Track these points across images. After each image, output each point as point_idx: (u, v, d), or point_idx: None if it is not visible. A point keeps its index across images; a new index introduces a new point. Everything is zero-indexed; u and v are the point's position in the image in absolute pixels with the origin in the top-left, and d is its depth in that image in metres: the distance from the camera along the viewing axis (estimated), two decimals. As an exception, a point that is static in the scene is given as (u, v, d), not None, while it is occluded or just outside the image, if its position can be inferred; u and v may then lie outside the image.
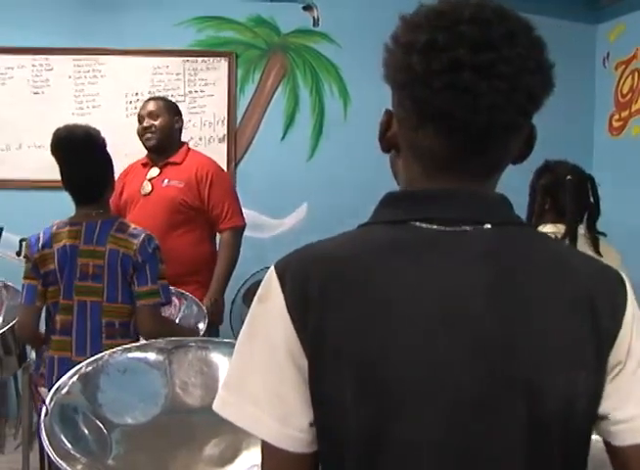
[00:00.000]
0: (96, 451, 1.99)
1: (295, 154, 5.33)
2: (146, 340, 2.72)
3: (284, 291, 1.12)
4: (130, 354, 2.24)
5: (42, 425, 1.85)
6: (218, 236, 4.24)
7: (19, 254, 5.30)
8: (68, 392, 2.05)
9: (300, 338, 1.10)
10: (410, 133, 1.16)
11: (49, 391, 2.01)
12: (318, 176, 5.32)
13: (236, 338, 1.22)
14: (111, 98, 5.15)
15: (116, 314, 2.83)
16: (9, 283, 4.10)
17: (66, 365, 2.76)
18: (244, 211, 4.98)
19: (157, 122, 3.96)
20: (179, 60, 5.26)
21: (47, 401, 1.91)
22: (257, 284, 3.88)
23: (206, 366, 2.24)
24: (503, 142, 1.13)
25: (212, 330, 3.80)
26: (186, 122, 5.17)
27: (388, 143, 1.22)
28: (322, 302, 1.10)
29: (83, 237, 2.84)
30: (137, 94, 5.17)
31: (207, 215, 4.03)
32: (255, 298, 1.19)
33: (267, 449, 1.13)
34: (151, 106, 4.04)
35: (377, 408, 1.08)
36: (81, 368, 2.14)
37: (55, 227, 2.91)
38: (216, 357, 2.26)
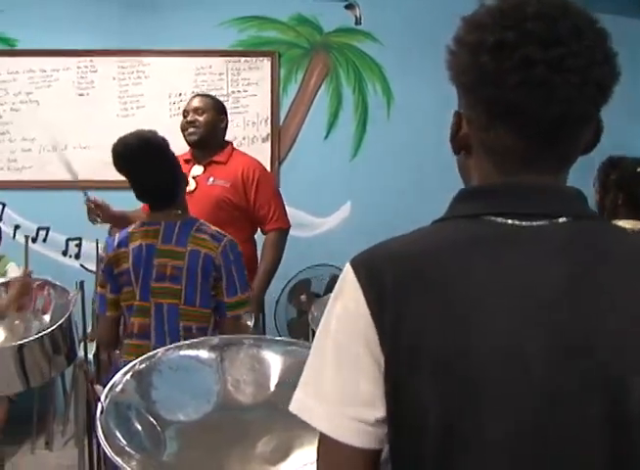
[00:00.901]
0: (149, 448, 1.99)
1: (338, 153, 5.33)
2: None
3: (362, 287, 1.12)
4: (183, 352, 2.24)
5: (98, 422, 1.86)
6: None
7: (65, 253, 5.38)
8: (122, 389, 2.05)
9: (379, 334, 1.10)
10: (481, 132, 1.16)
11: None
12: (361, 175, 5.32)
13: (281, 336, 1.21)
14: (154, 99, 5.19)
15: (194, 318, 2.78)
16: (57, 282, 4.12)
17: None
18: (287, 209, 4.99)
19: (201, 118, 3.97)
20: (222, 60, 5.29)
21: (102, 399, 1.92)
22: (302, 283, 3.94)
23: (258, 364, 2.24)
24: (575, 134, 1.12)
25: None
26: (229, 122, 5.21)
27: (459, 144, 1.22)
28: (400, 298, 1.09)
29: (162, 237, 2.79)
30: (180, 94, 5.20)
31: (252, 216, 4.03)
32: (332, 295, 1.19)
33: (332, 445, 1.12)
34: (197, 102, 4.05)
35: (455, 406, 1.06)
36: (135, 365, 2.14)
37: (132, 227, 2.87)
38: (268, 355, 2.26)
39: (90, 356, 4.03)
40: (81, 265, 5.40)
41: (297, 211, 5.30)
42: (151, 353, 2.23)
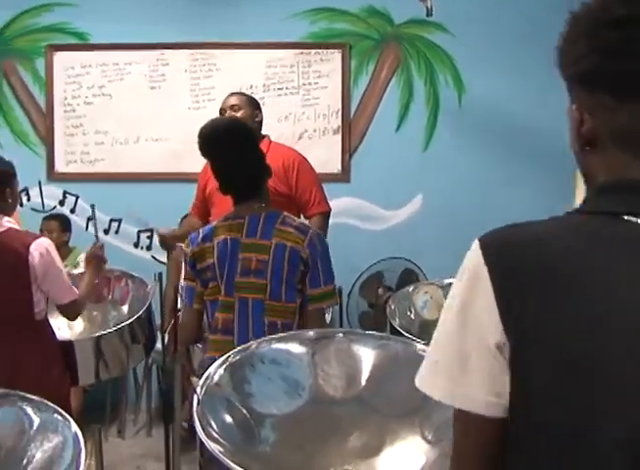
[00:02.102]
0: (243, 440, 1.99)
1: (409, 145, 5.29)
2: None
3: (490, 269, 1.09)
4: (275, 345, 2.24)
5: (195, 414, 1.87)
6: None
7: (136, 245, 5.44)
8: (216, 381, 2.06)
9: (502, 318, 1.07)
10: (611, 121, 1.12)
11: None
12: (433, 167, 5.28)
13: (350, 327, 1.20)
14: (226, 91, 5.13)
15: (279, 314, 2.73)
16: (135, 274, 4.17)
17: None
18: (358, 201, 4.99)
19: (238, 114, 4.03)
20: (293, 52, 5.29)
21: (198, 391, 1.93)
22: (374, 276, 3.90)
23: (349, 358, 2.22)
24: None
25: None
26: (300, 114, 5.23)
27: (583, 140, 1.17)
28: (530, 286, 1.06)
29: (246, 230, 2.75)
30: (252, 87, 5.22)
31: (296, 202, 4.10)
32: (458, 275, 1.15)
33: (462, 417, 1.13)
34: (233, 100, 4.13)
35: (579, 404, 1.04)
36: (229, 358, 2.15)
37: (216, 221, 2.85)
38: (359, 349, 2.24)
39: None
40: (153, 257, 5.45)
41: (368, 204, 5.31)
42: (244, 346, 2.23)
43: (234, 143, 2.76)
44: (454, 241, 5.12)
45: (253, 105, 4.18)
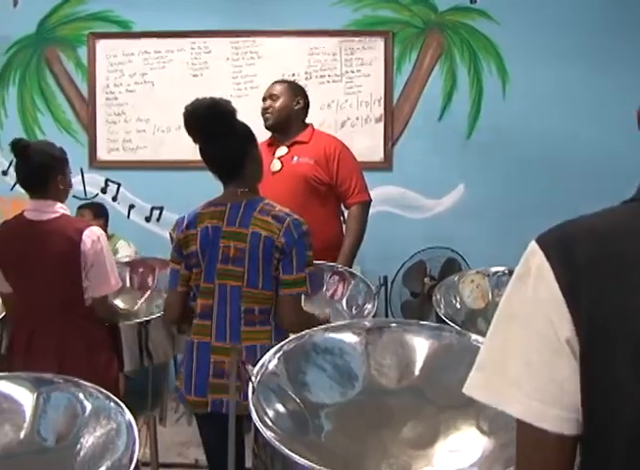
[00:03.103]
0: (296, 429, 1.99)
1: (452, 134, 5.24)
2: (286, 329, 2.67)
3: (553, 268, 1.06)
4: (329, 335, 2.23)
5: (250, 402, 1.86)
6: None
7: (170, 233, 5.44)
8: (271, 370, 2.05)
9: (574, 319, 1.04)
10: None
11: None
12: (476, 157, 5.22)
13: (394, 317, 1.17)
14: (268, 79, 5.11)
15: (256, 300, 2.73)
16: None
17: (205, 350, 2.78)
18: (400, 190, 4.95)
19: (276, 104, 4.10)
20: (335, 40, 5.25)
21: (253, 379, 1.92)
22: (416, 265, 3.88)
23: (402, 348, 2.21)
24: None
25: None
26: (342, 102, 5.20)
27: None
28: (597, 280, 1.03)
29: (227, 218, 2.74)
30: (294, 75, 5.19)
31: (336, 191, 4.15)
32: (514, 276, 1.13)
33: (527, 431, 1.09)
34: (273, 88, 4.19)
35: None
36: (283, 346, 2.14)
37: (200, 208, 2.85)
38: (412, 339, 2.22)
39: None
40: (194, 245, 5.45)
41: (410, 193, 5.27)
42: (298, 335, 2.22)
43: (212, 121, 2.73)
44: (495, 230, 5.15)
45: (294, 92, 4.20)
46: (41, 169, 3.05)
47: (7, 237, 3.14)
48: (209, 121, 2.73)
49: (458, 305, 3.82)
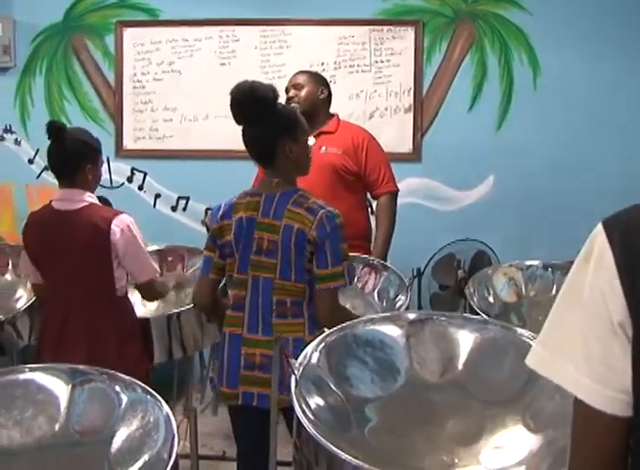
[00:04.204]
0: (337, 423, 1.95)
1: (482, 124, 5.18)
2: (322, 324, 2.54)
3: (613, 250, 1.07)
4: (370, 327, 2.19)
5: (293, 396, 1.83)
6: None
7: (204, 222, 5.42)
8: (313, 362, 2.01)
9: (628, 301, 1.05)
10: None
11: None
12: (506, 148, 5.15)
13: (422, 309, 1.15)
14: (296, 68, 5.07)
15: (288, 293, 2.71)
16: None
17: (236, 342, 2.76)
18: (429, 182, 4.91)
19: (301, 93, 4.05)
20: (365, 29, 5.19)
21: (295, 372, 1.89)
22: (446, 257, 3.87)
23: (445, 341, 2.17)
24: None
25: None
26: (371, 93, 5.15)
27: None
28: None
29: (261, 209, 2.72)
30: (323, 64, 5.14)
31: (364, 181, 4.14)
32: (580, 254, 1.14)
33: (582, 409, 1.10)
34: (297, 78, 4.15)
35: None
36: (325, 338, 2.10)
37: (236, 198, 2.81)
38: (455, 333, 2.18)
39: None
40: (220, 235, 5.43)
41: (440, 184, 5.22)
42: (340, 327, 2.19)
43: (248, 108, 2.71)
44: (526, 223, 5.10)
45: (318, 82, 4.17)
46: (73, 155, 3.02)
47: (35, 228, 3.12)
48: (248, 105, 2.71)
49: (491, 299, 3.78)
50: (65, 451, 2.06)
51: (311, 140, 3.94)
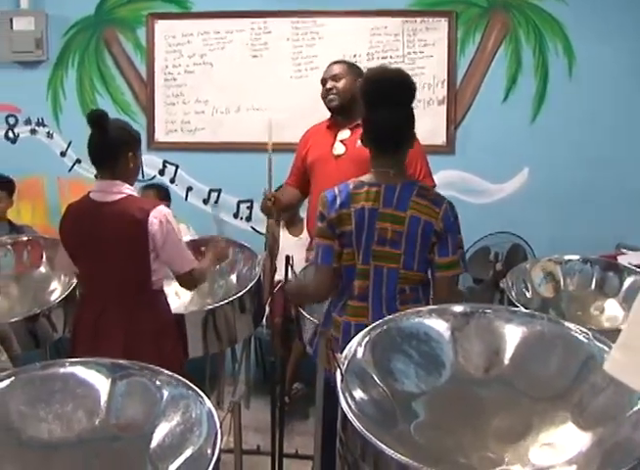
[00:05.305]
0: (382, 418, 1.92)
1: (516, 116, 5.13)
2: None
3: None
4: (415, 320, 2.15)
5: (340, 390, 1.81)
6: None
7: (236, 215, 5.41)
8: (357, 356, 1.98)
9: None
10: None
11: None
12: (541, 140, 5.11)
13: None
14: (329, 60, 5.03)
15: (409, 281, 2.77)
16: (245, 243, 4.12)
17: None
18: (462, 174, 4.87)
19: (339, 85, 3.95)
20: (398, 20, 5.15)
21: (341, 366, 1.86)
22: (481, 250, 3.83)
23: (491, 335, 2.12)
24: None
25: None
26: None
27: None
28: None
29: (382, 200, 2.73)
30: (355, 55, 5.10)
31: None
32: None
33: None
34: (334, 69, 4.04)
35: None
36: (370, 332, 2.07)
37: (352, 186, 2.80)
38: (502, 327, 2.12)
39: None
40: (252, 228, 5.42)
41: (473, 177, 5.18)
42: (384, 320, 2.16)
43: (401, 95, 2.72)
44: (561, 216, 5.03)
45: (356, 73, 4.07)
46: (115, 142, 3.00)
47: (72, 219, 3.11)
48: (397, 88, 2.71)
49: (529, 294, 3.73)
50: (104, 446, 2.04)
51: (347, 133, 3.91)
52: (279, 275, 3.57)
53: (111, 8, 5.44)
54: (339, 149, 3.94)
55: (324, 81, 4.03)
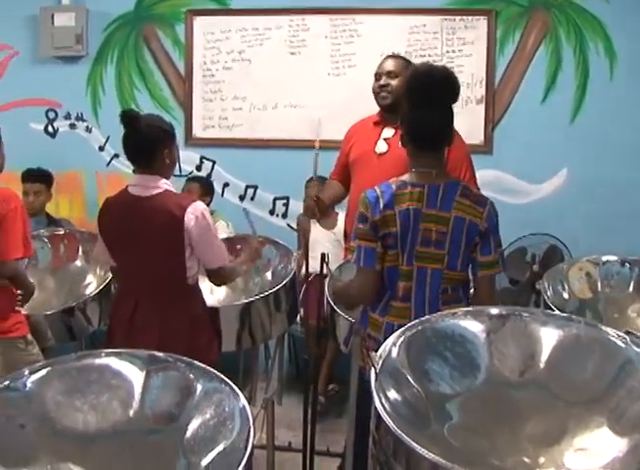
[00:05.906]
0: (415, 418, 1.91)
1: (556, 116, 5.09)
2: None
3: None
4: (450, 321, 2.13)
5: (374, 390, 1.80)
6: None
7: (272, 212, 5.41)
8: (392, 356, 1.97)
9: None
10: None
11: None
12: (580, 140, 5.06)
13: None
14: (367, 58, 5.07)
15: (452, 281, 2.75)
16: (280, 240, 4.12)
17: None
18: (500, 174, 4.84)
19: (394, 82, 3.81)
20: (437, 18, 5.13)
21: (376, 366, 1.85)
22: (517, 251, 3.80)
23: (526, 338, 2.10)
24: None
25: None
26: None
27: None
28: None
29: (426, 200, 2.70)
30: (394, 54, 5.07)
31: None
32: None
33: None
34: (390, 65, 3.90)
35: None
36: (405, 332, 2.06)
37: (395, 187, 2.75)
38: (538, 330, 2.10)
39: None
40: (288, 225, 5.43)
41: (511, 177, 5.15)
42: (419, 320, 2.14)
43: (447, 95, 2.70)
44: (599, 217, 4.98)
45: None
46: (149, 142, 3.02)
47: (110, 212, 3.13)
48: (443, 89, 2.68)
49: (566, 295, 3.70)
50: (139, 437, 2.04)
51: (391, 131, 3.82)
52: (310, 268, 3.51)
53: (150, 4, 5.48)
54: (381, 147, 3.86)
55: (378, 76, 3.90)
